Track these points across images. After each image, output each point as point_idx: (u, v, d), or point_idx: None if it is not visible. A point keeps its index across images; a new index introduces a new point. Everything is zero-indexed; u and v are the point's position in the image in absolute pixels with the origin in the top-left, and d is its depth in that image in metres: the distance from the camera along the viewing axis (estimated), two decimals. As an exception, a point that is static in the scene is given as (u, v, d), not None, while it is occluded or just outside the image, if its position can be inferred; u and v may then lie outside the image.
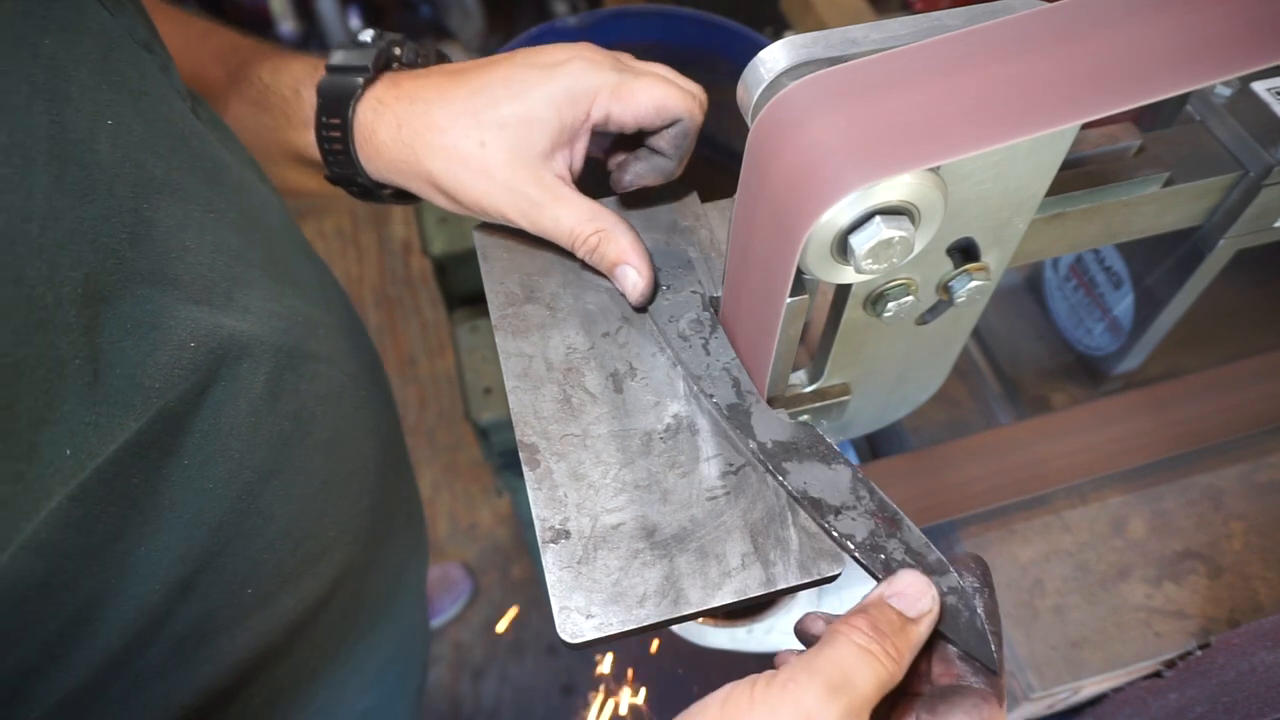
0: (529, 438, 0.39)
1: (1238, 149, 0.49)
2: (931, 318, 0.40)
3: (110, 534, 0.31)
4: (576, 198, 0.42)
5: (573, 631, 0.34)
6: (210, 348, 0.34)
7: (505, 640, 1.54)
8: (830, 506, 0.36)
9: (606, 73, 0.41)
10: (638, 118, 0.42)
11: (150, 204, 0.32)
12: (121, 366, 0.30)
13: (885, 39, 0.32)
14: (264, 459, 0.38)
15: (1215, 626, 0.59)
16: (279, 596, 0.42)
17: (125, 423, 0.31)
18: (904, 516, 0.35)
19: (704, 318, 0.42)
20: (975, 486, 0.63)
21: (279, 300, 0.40)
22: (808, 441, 0.38)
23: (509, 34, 1.75)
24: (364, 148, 0.44)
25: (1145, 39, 0.28)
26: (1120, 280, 0.62)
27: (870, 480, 0.37)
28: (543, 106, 0.41)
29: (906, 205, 0.29)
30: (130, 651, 0.34)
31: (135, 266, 0.31)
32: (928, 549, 0.35)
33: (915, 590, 0.32)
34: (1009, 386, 0.72)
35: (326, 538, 0.45)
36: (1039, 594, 0.61)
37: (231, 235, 0.37)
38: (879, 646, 0.30)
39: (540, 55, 0.43)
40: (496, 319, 0.43)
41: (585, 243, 0.42)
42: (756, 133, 0.31)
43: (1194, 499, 0.65)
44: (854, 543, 0.35)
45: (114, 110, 0.31)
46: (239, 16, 2.25)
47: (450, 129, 0.41)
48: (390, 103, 0.43)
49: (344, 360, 0.46)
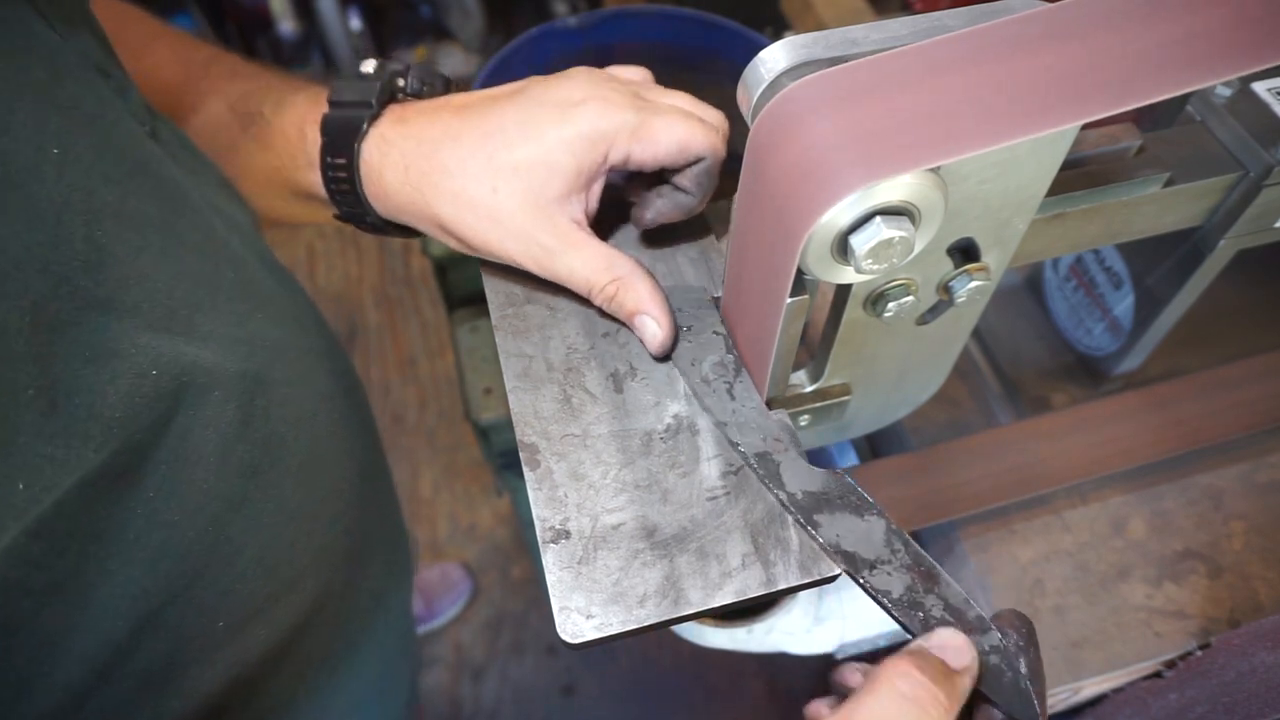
0: (529, 438, 0.39)
1: (1238, 149, 0.49)
2: (932, 318, 0.40)
3: (71, 569, 0.30)
4: (592, 244, 0.41)
5: (573, 632, 0.34)
6: (172, 375, 0.33)
7: (505, 640, 1.54)
8: (865, 561, 0.35)
9: (626, 113, 0.39)
10: (658, 159, 0.40)
11: (104, 230, 0.31)
12: (80, 396, 0.29)
13: (885, 39, 0.32)
14: (233, 488, 0.37)
15: (1215, 627, 0.59)
16: (252, 627, 0.41)
17: (84, 454, 0.29)
18: (940, 571, 0.34)
19: (727, 360, 0.41)
20: (975, 486, 0.63)
21: (245, 325, 0.38)
22: (839, 491, 0.37)
23: (509, 34, 1.75)
24: (371, 188, 0.42)
25: (1145, 39, 0.28)
26: (1120, 280, 0.62)
27: (905, 533, 0.35)
28: (559, 150, 0.39)
29: (907, 205, 0.29)
30: (95, 687, 0.33)
31: (91, 294, 0.30)
32: (967, 605, 0.33)
33: (955, 645, 0.31)
34: (1009, 386, 0.72)
35: (301, 565, 0.43)
36: (1039, 594, 0.61)
37: (193, 260, 0.36)
38: (926, 694, 0.28)
39: (555, 91, 0.41)
40: (497, 319, 0.43)
41: (603, 291, 0.41)
42: (756, 133, 0.31)
43: (1194, 499, 0.65)
44: (890, 599, 0.34)
45: (60, 138, 0.30)
46: (239, 16, 2.25)
47: (459, 173, 0.40)
48: (396, 141, 0.41)
49: (317, 382, 0.45)
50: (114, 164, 0.32)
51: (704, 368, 0.41)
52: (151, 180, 0.35)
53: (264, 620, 0.42)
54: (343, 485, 0.47)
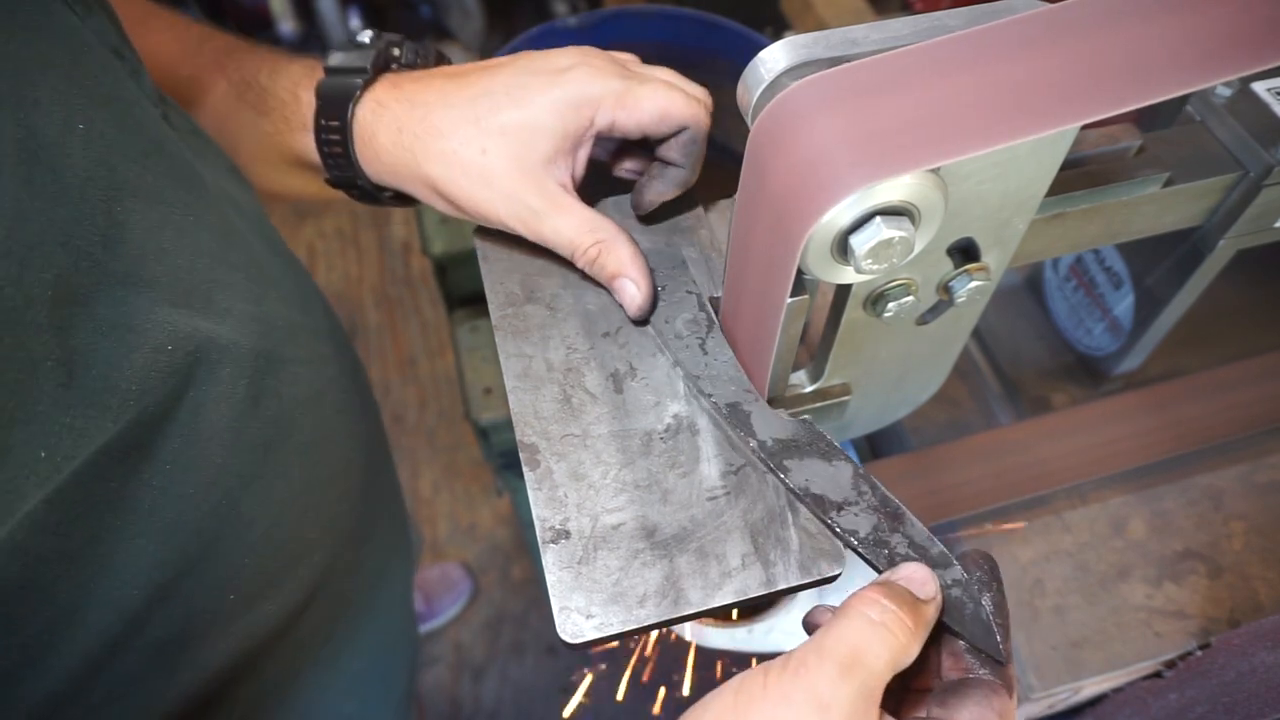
0: (529, 438, 0.39)
1: (1238, 149, 0.49)
2: (931, 318, 0.40)
3: (88, 538, 0.31)
4: (578, 207, 0.42)
5: (573, 632, 0.34)
6: (187, 350, 0.34)
7: (505, 640, 1.54)
8: (832, 503, 0.36)
9: (611, 79, 0.41)
10: (642, 125, 0.41)
11: (124, 207, 0.32)
12: (97, 368, 0.30)
13: (885, 39, 0.32)
14: (244, 463, 0.38)
15: (1215, 626, 0.59)
16: (261, 600, 0.42)
17: (102, 425, 0.30)
18: (906, 511, 0.35)
19: (700, 317, 0.42)
20: (975, 486, 0.63)
21: (260, 304, 0.39)
22: (808, 438, 0.38)
23: (509, 34, 1.75)
24: (363, 150, 0.43)
25: (1146, 40, 0.28)
26: (1120, 280, 0.62)
27: (872, 475, 0.37)
28: (546, 113, 0.40)
29: (907, 205, 0.29)
30: (109, 657, 0.34)
31: (109, 268, 0.31)
32: (930, 542, 0.35)
33: (920, 577, 0.32)
34: (1009, 386, 0.72)
35: (308, 540, 0.44)
36: (1039, 594, 0.61)
37: (210, 238, 0.37)
38: (894, 619, 0.29)
39: (544, 60, 0.42)
40: (496, 319, 0.43)
41: (585, 254, 0.42)
42: (757, 133, 0.31)
43: (1194, 499, 0.65)
44: (857, 538, 0.35)
45: (85, 114, 0.30)
46: (239, 16, 2.25)
47: (451, 134, 0.41)
48: (390, 105, 0.42)
49: (325, 364, 0.45)
50: (133, 142, 0.33)
51: (677, 324, 0.42)
52: (168, 159, 0.35)
53: (273, 593, 0.42)
54: (349, 465, 0.48)
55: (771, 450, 0.38)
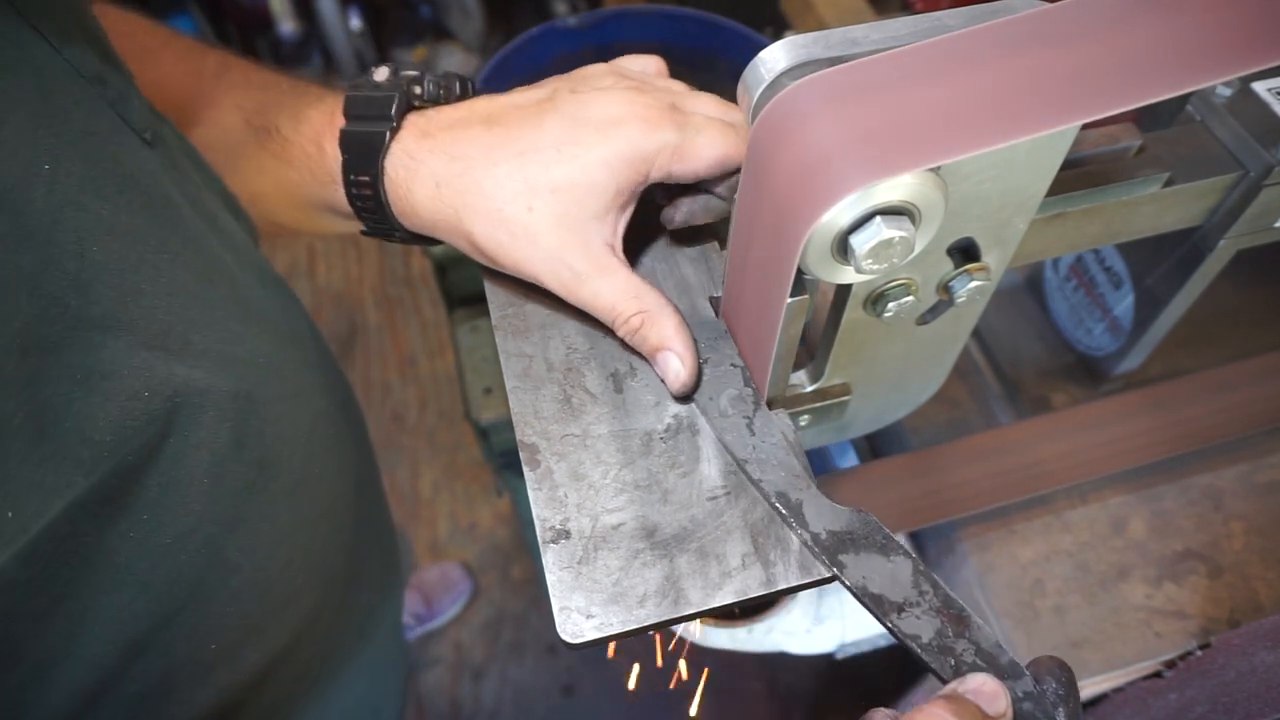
0: (529, 438, 0.39)
1: (1238, 149, 0.49)
2: (931, 318, 0.40)
3: (59, 595, 0.30)
4: (622, 271, 0.39)
5: (573, 632, 0.34)
6: (165, 396, 0.32)
7: (505, 640, 1.54)
8: (893, 604, 0.33)
9: (666, 131, 0.38)
10: (699, 175, 0.39)
11: (97, 247, 0.30)
12: (70, 420, 0.28)
13: (886, 39, 0.32)
14: (226, 509, 0.36)
15: (1215, 626, 0.59)
16: (244, 649, 0.40)
17: (74, 479, 0.29)
18: (971, 614, 0.33)
19: (745, 393, 0.40)
20: (975, 486, 0.63)
21: (242, 342, 0.38)
22: (864, 530, 0.35)
23: (509, 34, 1.75)
24: (399, 205, 0.41)
25: (1146, 39, 0.28)
26: (1120, 280, 0.62)
27: (934, 574, 0.34)
28: (599, 171, 0.38)
29: (907, 205, 0.29)
30: (80, 714, 0.32)
31: (82, 313, 0.29)
32: (999, 650, 0.32)
33: (990, 690, 0.30)
34: (1009, 386, 0.72)
35: (295, 584, 0.43)
36: (1039, 594, 0.61)
37: (188, 276, 0.35)
38: None
39: (590, 108, 0.39)
40: (497, 319, 0.43)
41: (627, 323, 0.39)
42: (757, 133, 0.31)
43: (1194, 499, 0.65)
44: (919, 644, 0.32)
45: (52, 154, 0.29)
46: (239, 16, 2.25)
47: (496, 194, 0.39)
48: (423, 158, 0.40)
49: (313, 396, 0.44)
50: (106, 179, 0.31)
51: (721, 401, 0.40)
52: (144, 195, 0.34)
53: (257, 640, 0.41)
54: (338, 501, 0.46)
55: (825, 544, 0.35)
